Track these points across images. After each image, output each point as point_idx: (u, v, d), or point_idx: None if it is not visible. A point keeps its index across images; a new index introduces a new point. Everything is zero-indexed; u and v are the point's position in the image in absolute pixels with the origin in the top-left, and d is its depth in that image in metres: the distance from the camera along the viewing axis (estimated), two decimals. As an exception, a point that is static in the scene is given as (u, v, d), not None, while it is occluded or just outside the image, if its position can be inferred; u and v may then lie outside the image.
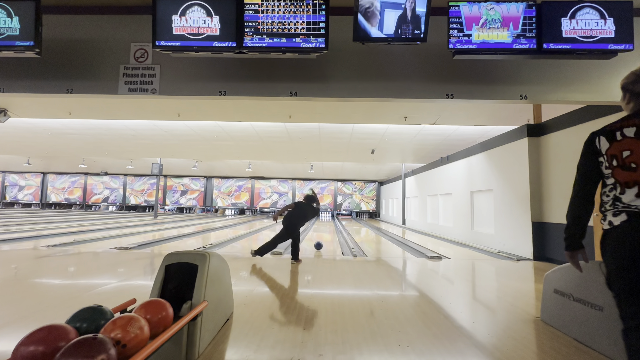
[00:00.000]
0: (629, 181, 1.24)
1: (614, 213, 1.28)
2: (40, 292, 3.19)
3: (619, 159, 1.26)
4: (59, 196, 22.27)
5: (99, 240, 7.21)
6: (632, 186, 1.23)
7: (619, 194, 1.27)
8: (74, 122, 8.54)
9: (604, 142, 1.32)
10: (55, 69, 3.80)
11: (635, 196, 1.22)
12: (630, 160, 1.23)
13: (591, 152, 1.37)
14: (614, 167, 1.28)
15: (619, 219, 1.26)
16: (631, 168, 1.23)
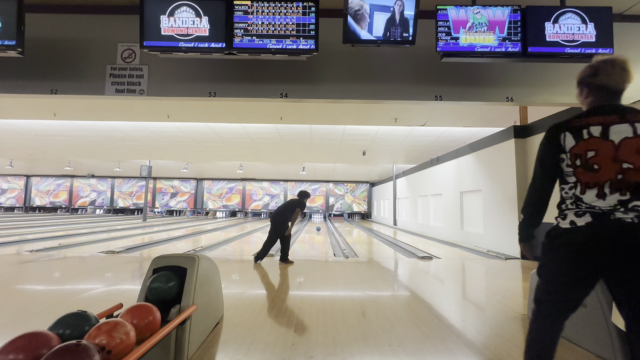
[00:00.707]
0: (590, 182, 1.20)
1: (576, 213, 1.22)
2: (23, 298, 3.09)
3: (582, 159, 1.21)
4: (43, 199, 21.67)
5: (86, 245, 7.04)
6: (593, 187, 1.19)
7: (580, 193, 1.22)
8: (59, 124, 8.34)
9: (570, 140, 1.24)
10: (39, 69, 3.71)
11: (596, 197, 1.19)
12: (594, 161, 1.19)
13: (554, 147, 1.28)
14: (577, 166, 1.22)
15: (583, 219, 1.19)
16: (594, 169, 1.19)
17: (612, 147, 1.17)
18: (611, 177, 1.16)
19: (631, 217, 1.13)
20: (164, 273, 1.89)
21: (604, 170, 1.17)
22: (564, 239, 1.24)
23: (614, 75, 1.26)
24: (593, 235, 1.17)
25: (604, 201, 1.17)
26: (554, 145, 1.28)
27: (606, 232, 1.15)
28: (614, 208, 1.15)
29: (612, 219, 1.15)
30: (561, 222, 1.27)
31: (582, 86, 1.37)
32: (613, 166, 1.16)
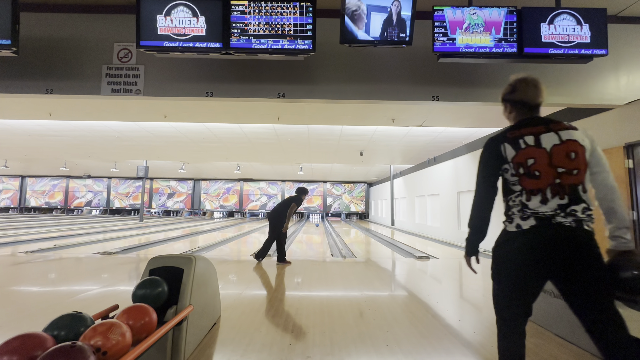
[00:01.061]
0: (534, 189, 1.28)
1: (522, 217, 1.29)
2: (18, 300, 3.06)
3: (525, 167, 1.29)
4: (39, 200, 21.49)
5: (82, 245, 6.99)
6: (537, 194, 1.27)
7: (525, 200, 1.29)
8: (54, 124, 8.27)
9: (510, 150, 1.32)
10: (34, 69, 3.68)
11: (540, 202, 1.26)
12: (535, 168, 1.28)
13: (496, 158, 1.35)
14: (521, 174, 1.30)
15: (527, 223, 1.27)
16: (535, 176, 1.27)
17: (546, 154, 1.28)
18: (550, 181, 1.26)
19: (569, 221, 1.23)
20: (152, 278, 1.79)
21: (543, 176, 1.27)
22: (511, 243, 1.32)
23: (529, 91, 1.39)
24: (537, 237, 1.25)
25: (545, 206, 1.25)
26: (495, 156, 1.35)
27: (549, 234, 1.24)
28: (555, 213, 1.24)
29: (554, 223, 1.23)
30: (508, 226, 1.35)
31: (505, 103, 1.49)
32: (551, 172, 1.27)
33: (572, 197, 1.25)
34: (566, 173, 1.26)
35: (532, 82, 1.39)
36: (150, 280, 1.78)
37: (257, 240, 8.53)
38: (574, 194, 1.25)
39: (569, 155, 1.27)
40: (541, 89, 1.39)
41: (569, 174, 1.26)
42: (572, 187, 1.25)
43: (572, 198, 1.25)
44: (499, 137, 1.36)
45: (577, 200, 1.25)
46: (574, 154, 1.27)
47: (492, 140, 1.38)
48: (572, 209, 1.24)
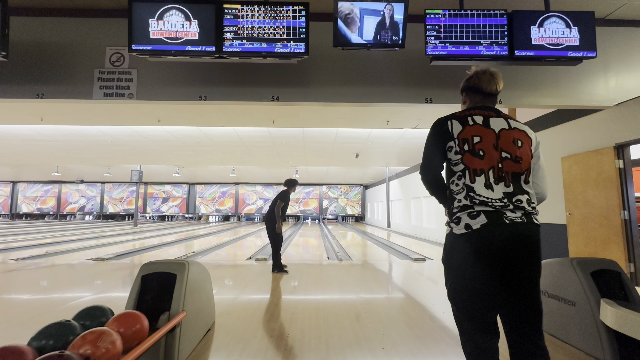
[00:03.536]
0: (477, 169, 1.21)
1: (470, 214, 1.18)
2: (8, 308, 3.00)
3: (470, 144, 1.23)
4: (30, 206, 21.16)
5: (75, 252, 6.88)
6: (480, 174, 1.20)
7: (470, 182, 1.21)
8: (46, 128, 8.18)
9: (457, 125, 1.26)
10: (25, 73, 3.63)
11: (484, 187, 1.19)
12: (479, 147, 1.22)
13: (442, 134, 1.29)
14: (465, 151, 1.23)
15: (478, 221, 1.16)
16: (479, 155, 1.21)
17: (493, 135, 1.24)
18: (493, 164, 1.21)
19: (519, 215, 1.17)
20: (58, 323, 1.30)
21: (487, 157, 1.21)
22: (461, 248, 1.20)
23: (483, 79, 1.37)
24: (491, 238, 1.15)
25: (492, 192, 1.18)
26: (442, 131, 1.30)
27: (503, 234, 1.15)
28: (503, 204, 1.17)
29: (507, 222, 1.15)
30: (455, 228, 1.23)
31: (462, 91, 1.48)
32: (495, 154, 1.22)
33: (515, 186, 1.20)
34: (510, 159, 1.21)
35: (489, 72, 1.38)
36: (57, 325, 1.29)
37: (253, 244, 8.47)
38: (517, 183, 1.21)
39: (516, 142, 1.24)
40: (497, 79, 1.37)
41: (513, 161, 1.22)
42: (515, 175, 1.21)
43: (516, 187, 1.20)
44: (447, 116, 1.33)
45: (521, 190, 1.20)
46: (521, 142, 1.25)
47: (441, 119, 1.34)
48: (518, 198, 1.18)
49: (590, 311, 1.91)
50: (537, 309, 1.17)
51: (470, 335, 1.20)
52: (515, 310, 1.17)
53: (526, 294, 1.16)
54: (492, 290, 1.17)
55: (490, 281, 1.16)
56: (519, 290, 1.16)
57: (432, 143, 1.33)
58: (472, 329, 1.20)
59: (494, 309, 1.20)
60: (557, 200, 4.91)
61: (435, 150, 1.31)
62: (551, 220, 5.01)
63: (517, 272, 1.15)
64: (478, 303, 1.18)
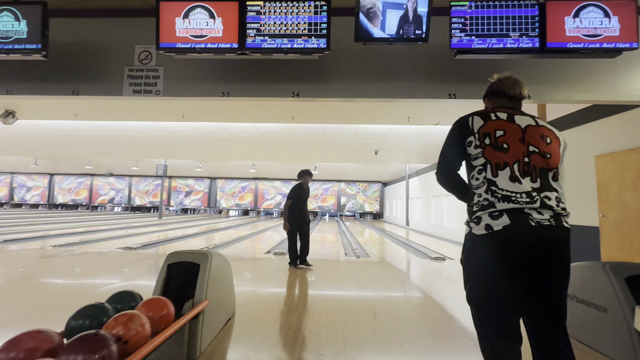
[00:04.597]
0: (500, 162, 1.13)
1: (491, 214, 1.09)
2: (46, 291, 3.23)
3: (491, 138, 1.16)
4: (65, 197, 22.53)
5: (105, 241, 7.29)
6: (504, 168, 1.12)
7: (491, 176, 1.13)
8: (80, 124, 8.66)
9: (478, 120, 1.22)
10: (62, 71, 3.86)
11: (509, 180, 1.10)
12: (503, 140, 1.15)
13: (462, 130, 1.24)
14: (486, 145, 1.16)
15: (500, 222, 1.07)
16: (503, 148, 1.14)
17: (519, 129, 1.17)
18: (519, 157, 1.13)
19: (547, 217, 1.07)
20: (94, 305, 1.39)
21: (512, 150, 1.14)
22: (481, 250, 1.12)
23: (507, 83, 1.33)
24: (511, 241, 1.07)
25: (518, 186, 1.09)
26: (462, 127, 1.25)
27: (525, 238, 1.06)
28: (529, 200, 1.07)
29: (532, 225, 1.05)
30: (475, 228, 1.15)
31: (484, 98, 1.45)
32: (521, 147, 1.14)
33: (543, 182, 1.10)
34: (538, 154, 1.13)
35: (512, 77, 1.35)
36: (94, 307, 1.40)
37: (271, 239, 8.62)
38: (545, 180, 1.11)
39: (544, 138, 1.17)
40: (521, 84, 1.33)
41: (541, 156, 1.13)
42: (543, 171, 1.12)
43: (544, 183, 1.10)
44: (469, 113, 1.29)
45: (549, 187, 1.11)
46: (549, 139, 1.17)
47: (461, 117, 1.29)
48: (546, 195, 1.09)
49: (623, 318, 1.81)
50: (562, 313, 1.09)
51: (490, 341, 1.13)
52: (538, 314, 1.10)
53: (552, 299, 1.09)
54: (514, 295, 1.09)
55: (512, 286, 1.09)
56: (544, 296, 1.08)
57: (450, 140, 1.29)
58: (492, 334, 1.13)
59: (516, 315, 1.12)
60: (588, 201, 4.65)
61: (453, 148, 1.27)
62: (581, 222, 4.75)
63: (543, 278, 1.07)
64: (498, 308, 1.11)
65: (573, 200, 4.90)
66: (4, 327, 2.25)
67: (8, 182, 22.41)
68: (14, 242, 6.74)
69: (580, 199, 4.80)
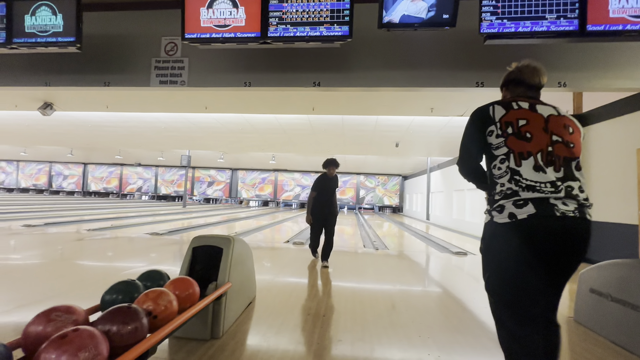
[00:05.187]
0: (523, 151, 1.11)
1: (516, 202, 1.08)
2: (82, 270, 3.46)
3: (514, 127, 1.14)
4: (98, 185, 23.86)
5: (134, 227, 7.67)
6: (527, 157, 1.10)
7: (515, 165, 1.12)
8: (110, 115, 9.08)
9: (500, 110, 1.19)
10: (94, 64, 4.04)
11: (533, 169, 1.09)
12: (526, 129, 1.13)
13: (482, 119, 1.21)
14: (509, 134, 1.14)
15: (524, 211, 1.06)
16: (526, 138, 1.12)
17: (541, 118, 1.15)
18: (542, 147, 1.11)
19: (572, 209, 1.06)
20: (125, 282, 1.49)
21: (535, 139, 1.12)
22: (503, 240, 1.11)
23: (526, 71, 1.30)
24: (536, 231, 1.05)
25: (543, 175, 1.08)
26: (483, 117, 1.22)
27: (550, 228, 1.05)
28: (554, 189, 1.06)
29: (557, 215, 1.04)
30: (497, 217, 1.13)
31: (502, 87, 1.42)
32: (544, 136, 1.13)
33: (567, 171, 1.09)
34: (562, 143, 1.12)
35: (532, 65, 1.31)
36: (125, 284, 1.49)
37: (290, 229, 8.74)
38: (568, 169, 1.10)
39: (567, 127, 1.16)
40: (541, 72, 1.29)
41: (565, 145, 1.12)
42: (567, 160, 1.11)
43: (568, 172, 1.09)
44: (489, 103, 1.25)
45: (573, 176, 1.10)
46: (572, 129, 1.17)
47: (480, 106, 1.26)
48: (570, 185, 1.08)
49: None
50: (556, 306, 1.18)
51: (509, 329, 1.13)
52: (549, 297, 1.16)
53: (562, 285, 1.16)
54: (535, 284, 1.10)
55: (533, 275, 1.09)
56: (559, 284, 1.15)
57: (470, 131, 1.26)
58: (512, 322, 1.13)
59: (535, 303, 1.12)
60: (627, 197, 4.34)
61: (473, 139, 1.25)
62: (619, 219, 4.46)
63: (563, 268, 1.10)
64: (519, 296, 1.11)
65: (610, 197, 4.59)
66: (48, 300, 2.44)
67: (47, 171, 24.02)
68: (54, 225, 7.24)
69: (619, 195, 4.50)
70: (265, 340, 1.90)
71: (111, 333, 1.04)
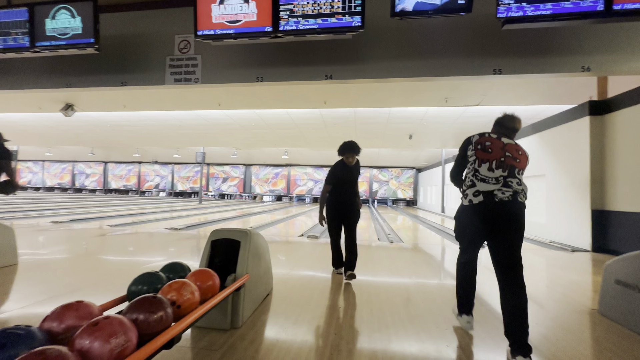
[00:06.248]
0: (484, 159, 1.82)
1: (474, 193, 1.81)
2: (105, 264, 3.61)
3: (482, 145, 1.86)
4: (117, 183, 24.67)
5: (153, 222, 7.92)
6: (485, 162, 1.81)
7: (477, 166, 1.83)
8: (128, 115, 9.33)
9: (476, 137, 1.92)
10: (111, 64, 4.15)
11: (487, 170, 1.79)
12: (489, 147, 1.83)
13: (466, 144, 1.96)
14: (478, 149, 1.86)
15: (477, 199, 1.79)
16: (488, 151, 1.83)
17: (502, 143, 1.84)
18: (497, 157, 1.80)
19: (507, 196, 1.72)
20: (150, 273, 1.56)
21: (494, 153, 1.81)
22: (466, 212, 1.89)
23: (507, 118, 1.96)
24: (483, 208, 1.78)
25: (492, 173, 1.77)
26: (466, 142, 1.97)
27: (491, 207, 1.75)
28: (496, 182, 1.75)
29: (496, 201, 1.73)
30: (464, 201, 1.91)
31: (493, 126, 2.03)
32: (500, 152, 1.81)
33: (510, 173, 1.76)
34: (511, 157, 1.79)
35: (512, 115, 1.96)
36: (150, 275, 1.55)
37: (303, 224, 8.80)
38: (511, 172, 1.76)
39: (517, 151, 1.83)
40: (517, 120, 1.94)
41: (513, 159, 1.79)
42: (512, 167, 1.77)
43: (510, 174, 1.76)
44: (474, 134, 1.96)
45: (513, 176, 1.76)
46: (521, 152, 1.84)
47: (468, 136, 1.98)
48: (509, 180, 1.74)
49: None
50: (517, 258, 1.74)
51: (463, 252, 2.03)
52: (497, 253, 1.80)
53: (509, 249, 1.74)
54: (479, 235, 1.89)
55: (478, 231, 1.85)
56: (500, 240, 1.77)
57: (460, 152, 2.00)
58: (465, 250, 2.02)
59: (478, 244, 1.97)
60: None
61: (461, 160, 2.00)
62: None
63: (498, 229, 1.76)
64: (471, 240, 1.98)
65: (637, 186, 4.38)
66: (78, 291, 2.57)
67: (70, 170, 25.01)
68: (78, 221, 7.56)
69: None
70: (283, 331, 1.94)
71: (139, 321, 1.09)
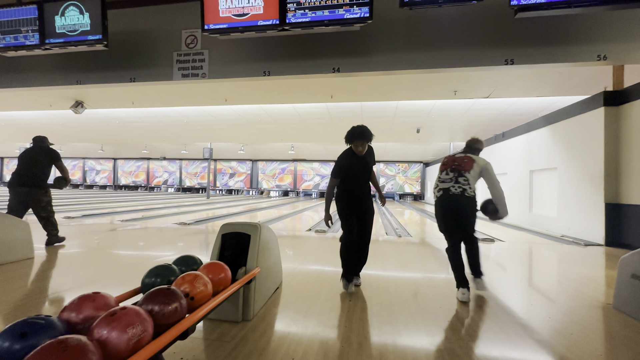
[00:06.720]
0: (443, 168, 2.66)
1: (437, 191, 2.62)
2: (117, 258, 3.68)
3: (445, 161, 2.69)
4: (127, 179, 25.05)
5: (162, 217, 8.03)
6: (444, 170, 2.63)
7: (440, 174, 2.67)
8: (136, 111, 9.42)
9: (444, 158, 2.74)
10: (120, 60, 4.18)
11: (444, 173, 2.62)
12: (446, 161, 2.68)
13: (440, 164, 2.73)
14: (442, 164, 2.69)
15: (440, 194, 2.59)
16: (445, 164, 2.67)
17: (454, 157, 2.67)
18: (449, 166, 2.62)
19: (458, 192, 2.48)
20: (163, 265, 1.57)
21: (447, 163, 2.65)
22: (436, 203, 2.63)
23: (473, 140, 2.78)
24: (443, 201, 2.56)
25: (447, 176, 2.59)
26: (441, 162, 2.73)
27: (448, 199, 2.52)
28: (449, 181, 2.55)
29: (450, 194, 2.51)
30: (434, 197, 2.64)
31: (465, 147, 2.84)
32: (451, 162, 2.63)
33: (457, 175, 2.54)
34: (458, 165, 2.58)
35: (477, 139, 2.77)
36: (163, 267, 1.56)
37: (310, 219, 8.82)
38: (458, 175, 2.54)
39: (464, 160, 2.60)
40: (480, 142, 2.77)
41: (459, 166, 2.57)
42: (459, 171, 2.55)
43: (458, 176, 2.53)
44: None
45: (461, 176, 2.52)
46: (466, 160, 2.59)
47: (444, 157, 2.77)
48: (458, 180, 2.52)
49: None
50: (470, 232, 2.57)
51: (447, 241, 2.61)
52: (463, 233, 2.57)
53: (463, 227, 2.55)
54: (449, 224, 2.58)
55: (446, 220, 2.58)
56: (460, 225, 2.54)
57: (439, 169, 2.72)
58: (447, 241, 2.61)
59: (455, 232, 2.58)
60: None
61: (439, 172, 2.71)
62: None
63: (458, 217, 2.52)
64: (445, 229, 2.62)
65: None
66: (88, 285, 2.63)
67: (81, 166, 25.47)
68: (89, 217, 7.71)
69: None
70: (294, 323, 1.96)
71: (154, 312, 1.11)
